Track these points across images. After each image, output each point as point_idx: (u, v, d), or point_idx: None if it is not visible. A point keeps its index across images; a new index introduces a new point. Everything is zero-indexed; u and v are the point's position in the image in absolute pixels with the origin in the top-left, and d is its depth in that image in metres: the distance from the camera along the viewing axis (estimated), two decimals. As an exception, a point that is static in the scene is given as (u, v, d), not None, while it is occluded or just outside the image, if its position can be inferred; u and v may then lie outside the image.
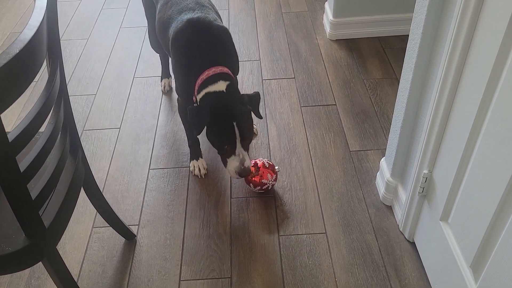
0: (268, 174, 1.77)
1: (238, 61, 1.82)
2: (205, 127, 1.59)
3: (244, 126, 1.55)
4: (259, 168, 1.77)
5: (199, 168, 1.93)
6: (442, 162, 1.34)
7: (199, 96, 1.63)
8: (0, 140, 0.86)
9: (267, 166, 1.78)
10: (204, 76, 1.62)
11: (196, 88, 1.64)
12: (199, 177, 1.93)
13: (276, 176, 1.81)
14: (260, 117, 1.67)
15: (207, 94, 1.60)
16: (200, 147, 1.98)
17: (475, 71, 1.13)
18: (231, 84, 1.61)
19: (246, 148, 1.61)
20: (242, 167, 1.56)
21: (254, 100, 1.64)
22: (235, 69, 1.76)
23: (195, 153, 1.96)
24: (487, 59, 1.06)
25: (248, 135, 1.58)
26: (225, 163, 1.62)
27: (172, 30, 1.73)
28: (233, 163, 1.57)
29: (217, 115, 1.53)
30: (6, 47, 0.86)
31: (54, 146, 1.11)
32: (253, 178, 1.77)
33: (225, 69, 1.64)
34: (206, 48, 1.65)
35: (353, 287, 1.52)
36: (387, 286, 1.52)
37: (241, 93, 1.67)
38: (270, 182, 1.79)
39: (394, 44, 2.63)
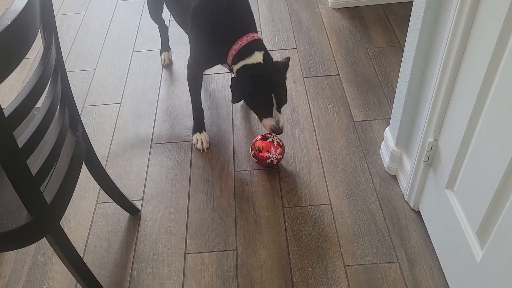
0: (272, 147, 1.76)
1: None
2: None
3: (280, 94, 1.69)
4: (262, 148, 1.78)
5: (202, 142, 1.92)
6: (447, 129, 1.32)
7: (236, 67, 1.70)
8: (-4, 115, 0.85)
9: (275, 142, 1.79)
10: (237, 46, 1.67)
11: (231, 57, 1.70)
12: (201, 151, 1.92)
13: (282, 151, 1.79)
14: (285, 79, 1.77)
15: (245, 66, 1.68)
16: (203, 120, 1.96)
17: (482, 33, 1.09)
18: (266, 53, 1.70)
19: (279, 110, 1.72)
20: (277, 127, 1.71)
21: (285, 66, 1.77)
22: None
23: (199, 126, 1.94)
24: (495, 20, 1.02)
25: (283, 101, 1.71)
26: (260, 120, 1.75)
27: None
28: (269, 121, 1.71)
29: (257, 87, 1.65)
30: (-3, 19, 0.83)
31: (52, 121, 1.09)
32: (260, 154, 1.77)
33: (255, 35, 1.71)
34: (233, 15, 1.69)
35: (358, 257, 1.52)
36: (392, 255, 1.52)
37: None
38: (274, 156, 1.78)
39: (398, 11, 2.57)
